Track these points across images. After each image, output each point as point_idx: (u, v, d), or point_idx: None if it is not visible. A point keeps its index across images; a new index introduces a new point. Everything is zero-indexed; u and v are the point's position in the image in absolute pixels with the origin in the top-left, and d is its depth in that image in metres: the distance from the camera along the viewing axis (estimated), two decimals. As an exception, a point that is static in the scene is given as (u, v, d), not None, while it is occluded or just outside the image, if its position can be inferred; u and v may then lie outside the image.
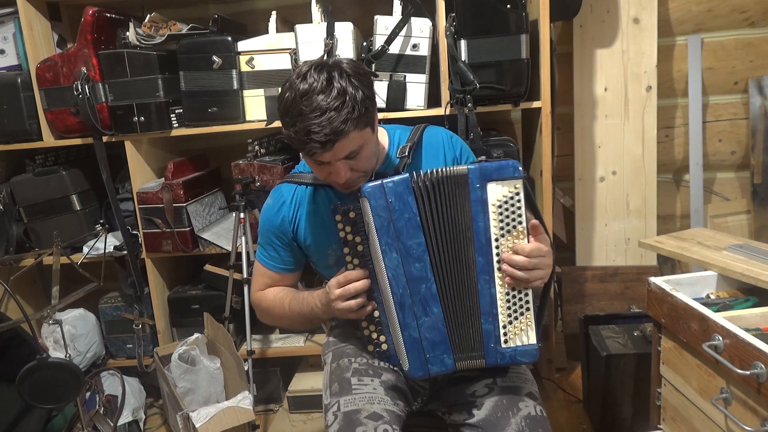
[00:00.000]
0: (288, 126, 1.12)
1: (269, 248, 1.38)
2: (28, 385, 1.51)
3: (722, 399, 1.25)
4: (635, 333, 1.89)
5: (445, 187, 1.13)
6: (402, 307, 1.14)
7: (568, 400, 2.17)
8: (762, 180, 2.25)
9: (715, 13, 2.24)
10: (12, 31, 2.16)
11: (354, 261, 1.18)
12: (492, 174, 1.12)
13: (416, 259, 1.13)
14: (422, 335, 1.14)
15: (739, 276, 1.41)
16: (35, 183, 2.21)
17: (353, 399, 1.18)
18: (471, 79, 1.79)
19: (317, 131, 1.07)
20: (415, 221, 1.13)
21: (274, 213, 1.35)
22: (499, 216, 1.12)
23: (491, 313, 1.14)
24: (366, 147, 1.17)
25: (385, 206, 1.12)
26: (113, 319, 2.32)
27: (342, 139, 1.09)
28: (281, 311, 1.36)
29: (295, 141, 1.12)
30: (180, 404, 1.94)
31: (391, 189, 1.12)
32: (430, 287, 1.14)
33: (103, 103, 2.05)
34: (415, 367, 1.15)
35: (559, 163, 2.36)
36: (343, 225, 1.17)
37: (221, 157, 2.43)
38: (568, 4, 2.09)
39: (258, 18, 2.33)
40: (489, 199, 1.12)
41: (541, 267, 1.13)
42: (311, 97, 1.08)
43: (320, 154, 1.11)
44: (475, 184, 1.12)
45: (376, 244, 1.13)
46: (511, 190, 1.12)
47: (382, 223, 1.12)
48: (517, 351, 1.15)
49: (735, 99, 2.30)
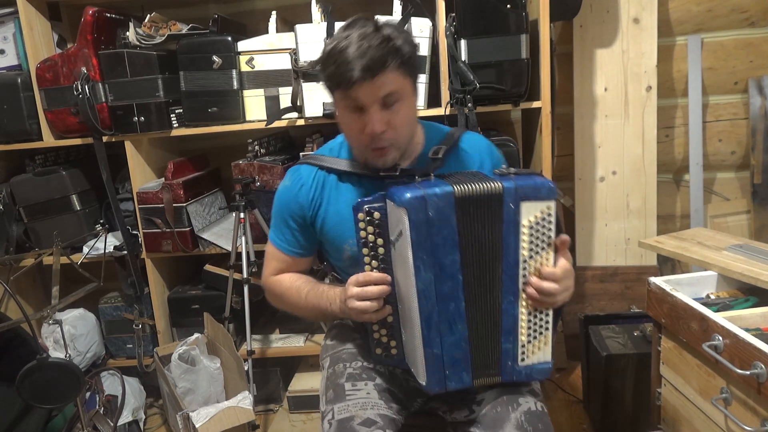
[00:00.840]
0: (327, 66, 1.10)
1: (285, 230, 1.32)
2: (28, 385, 1.51)
3: (722, 399, 1.25)
4: (635, 333, 1.89)
5: (480, 204, 1.07)
6: (429, 324, 1.08)
7: (568, 400, 2.17)
8: (762, 180, 2.25)
9: (715, 13, 2.24)
10: (12, 31, 2.16)
11: (373, 263, 1.13)
12: (528, 194, 1.06)
13: (449, 278, 1.07)
14: (444, 352, 1.10)
15: (739, 276, 1.41)
16: (35, 183, 2.21)
17: (347, 406, 1.17)
18: (471, 79, 1.79)
19: (358, 58, 1.04)
20: (453, 238, 1.06)
21: (293, 195, 1.28)
22: (529, 237, 1.08)
23: (512, 333, 1.11)
24: (406, 101, 1.13)
25: (425, 221, 1.04)
26: (113, 319, 2.32)
27: (382, 73, 1.06)
28: (296, 300, 1.31)
29: (332, 77, 1.09)
30: (180, 404, 1.94)
31: (433, 203, 1.04)
32: (459, 306, 1.09)
33: (103, 103, 2.05)
34: (433, 382, 1.12)
35: (559, 163, 2.36)
36: (365, 225, 1.11)
37: (221, 157, 2.43)
38: (568, 4, 2.09)
39: (258, 18, 2.33)
40: (521, 220, 1.07)
41: (567, 288, 1.11)
42: (355, 38, 1.07)
43: (358, 85, 1.06)
44: (509, 203, 1.06)
45: (408, 259, 1.06)
46: (544, 211, 1.07)
47: (419, 238, 1.04)
48: (533, 369, 1.13)
49: (735, 99, 2.30)
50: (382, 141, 1.13)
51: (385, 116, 1.11)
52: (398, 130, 1.14)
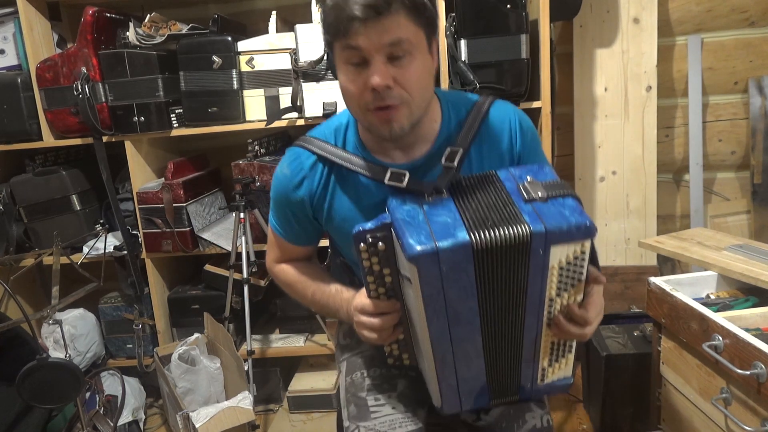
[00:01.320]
0: (327, 18, 0.93)
1: (283, 220, 1.20)
2: (28, 385, 1.51)
3: (722, 399, 1.25)
4: (635, 333, 1.89)
5: (503, 251, 0.94)
6: (443, 363, 1.03)
7: (568, 400, 2.17)
8: (762, 180, 2.25)
9: (715, 13, 2.24)
10: (12, 31, 2.16)
11: (379, 290, 1.04)
12: (560, 239, 0.94)
13: (466, 323, 0.99)
14: (460, 384, 1.05)
15: (739, 276, 1.41)
16: (35, 183, 2.21)
17: (373, 425, 1.12)
18: (471, 79, 1.79)
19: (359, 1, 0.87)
20: (470, 290, 0.96)
21: (293, 188, 1.13)
22: (559, 278, 0.98)
23: (532, 361, 1.06)
24: (417, 57, 0.94)
25: (437, 275, 0.93)
26: (113, 319, 2.32)
27: (387, 13, 0.88)
28: (303, 295, 1.24)
29: (331, 25, 0.92)
30: (180, 404, 1.94)
31: (447, 258, 0.91)
32: (476, 346, 1.02)
33: (103, 103, 2.05)
34: (448, 407, 1.09)
35: (559, 163, 2.36)
36: (369, 255, 1.00)
37: (221, 157, 2.43)
38: (568, 4, 2.09)
39: (258, 18, 2.32)
40: (551, 263, 0.96)
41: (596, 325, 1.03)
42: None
43: (359, 26, 0.89)
44: (539, 250, 0.94)
45: (420, 306, 0.97)
46: (577, 251, 0.96)
47: (431, 292, 0.94)
48: (552, 386, 1.10)
49: (735, 99, 2.30)
50: (388, 97, 0.94)
51: (391, 70, 0.93)
52: (408, 88, 0.95)
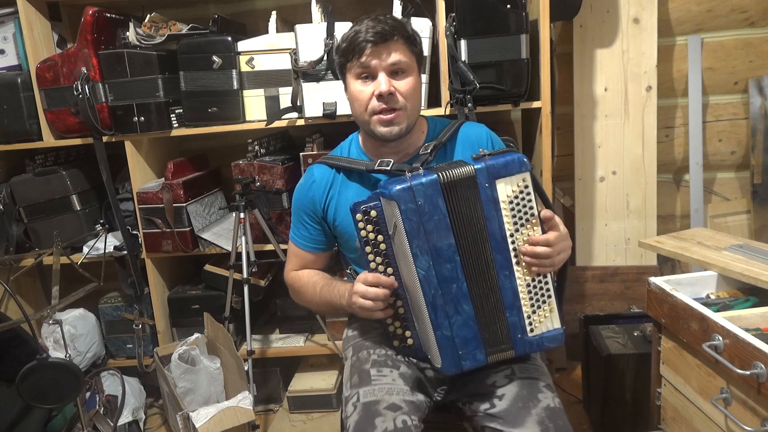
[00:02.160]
0: (341, 46, 1.26)
1: (301, 227, 1.43)
2: (28, 385, 1.51)
3: (722, 399, 1.25)
4: (635, 333, 1.89)
5: (461, 187, 1.13)
6: (434, 308, 1.13)
7: (568, 400, 2.16)
8: (762, 180, 2.25)
9: (715, 13, 2.24)
10: (12, 31, 2.16)
11: (377, 260, 1.18)
12: (499, 171, 1.12)
13: (447, 260, 1.12)
14: (455, 333, 1.15)
15: (739, 276, 1.41)
16: (35, 183, 2.21)
17: (372, 390, 1.20)
18: (471, 79, 1.79)
19: (371, 30, 1.20)
20: (445, 222, 1.12)
21: (305, 191, 1.40)
22: (511, 212, 1.13)
23: (515, 306, 1.16)
24: (411, 75, 1.26)
25: (415, 209, 1.10)
26: (113, 319, 2.32)
27: (391, 41, 1.21)
28: (312, 294, 1.40)
29: (346, 50, 1.24)
30: (180, 404, 1.94)
31: (420, 191, 1.10)
32: (461, 286, 1.14)
33: (103, 103, 2.04)
34: (449, 364, 1.16)
35: (559, 163, 2.36)
36: (364, 224, 1.16)
37: (221, 157, 2.43)
38: (568, 4, 2.09)
39: (258, 18, 2.33)
40: (499, 197, 1.12)
41: (563, 249, 1.17)
42: (366, 20, 1.24)
43: (369, 50, 1.21)
44: (484, 183, 1.12)
45: (406, 248, 1.12)
46: (520, 185, 1.12)
47: (412, 226, 1.10)
48: (543, 338, 1.18)
49: (735, 99, 2.30)
50: (391, 102, 1.24)
51: (393, 82, 1.24)
52: (406, 96, 1.25)
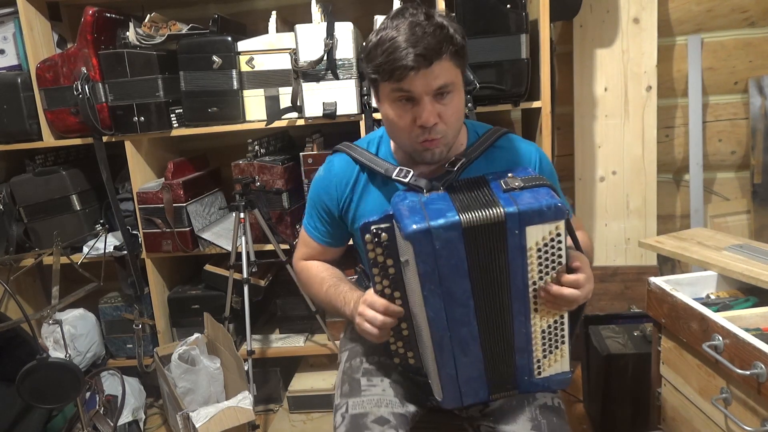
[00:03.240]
0: (374, 57, 1.04)
1: (316, 220, 1.33)
2: (28, 385, 1.51)
3: (722, 399, 1.25)
4: (635, 333, 1.89)
5: (485, 231, 1.03)
6: (441, 348, 1.07)
7: (568, 400, 2.16)
8: (762, 180, 2.25)
9: (715, 13, 2.24)
10: (12, 31, 2.16)
11: (384, 282, 1.10)
12: (533, 219, 1.01)
13: (460, 305, 1.05)
14: (459, 372, 1.09)
15: (739, 276, 1.41)
16: (35, 183, 2.21)
17: (361, 401, 1.18)
18: (471, 79, 1.79)
19: (411, 48, 0.99)
20: (462, 268, 1.03)
21: (325, 187, 1.28)
22: (538, 260, 1.04)
23: (526, 350, 1.10)
24: (457, 93, 1.08)
25: (431, 253, 1.01)
26: (113, 319, 2.32)
27: (437, 62, 1.01)
28: (317, 290, 1.31)
29: (382, 67, 1.03)
30: (180, 404, 1.94)
31: (439, 235, 1.00)
32: (471, 330, 1.07)
33: (103, 103, 2.04)
34: (449, 399, 1.12)
35: (559, 163, 2.36)
36: (374, 246, 1.08)
37: (221, 157, 2.43)
38: (568, 4, 2.09)
39: (258, 18, 2.32)
40: (527, 244, 1.03)
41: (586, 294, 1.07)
42: (405, 26, 1.01)
43: (412, 76, 1.01)
44: (514, 230, 1.02)
45: (416, 287, 1.05)
46: (552, 232, 1.02)
47: (426, 269, 1.02)
48: (550, 380, 1.13)
49: (735, 99, 2.30)
50: (433, 133, 1.09)
51: (437, 108, 1.07)
52: (449, 122, 1.10)
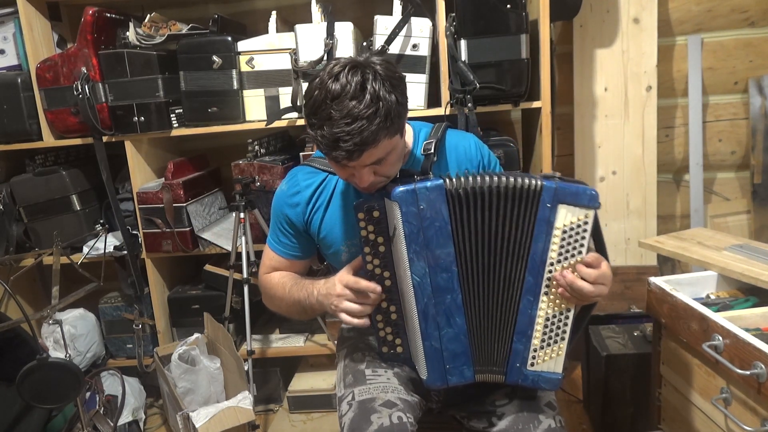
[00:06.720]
0: (315, 127, 1.07)
1: (279, 234, 1.34)
2: (28, 385, 1.51)
3: (722, 399, 1.25)
4: (635, 333, 1.89)
5: (500, 199, 1.07)
6: (425, 317, 1.10)
7: (568, 400, 2.17)
8: (762, 180, 2.25)
9: (715, 13, 2.24)
10: (12, 31, 2.16)
11: (374, 261, 1.13)
12: (567, 197, 1.04)
13: (443, 270, 1.08)
14: (444, 346, 1.11)
15: (739, 276, 1.41)
16: (35, 183, 2.21)
17: (368, 388, 1.19)
18: (471, 79, 1.79)
19: (347, 140, 1.02)
20: (446, 230, 1.07)
21: (286, 201, 1.30)
22: (561, 241, 1.06)
23: (525, 334, 1.10)
24: (393, 152, 1.11)
25: (416, 213, 1.06)
26: (113, 319, 2.32)
27: (370, 148, 1.05)
28: (281, 295, 1.32)
29: (321, 144, 1.07)
30: (180, 404, 1.94)
31: (423, 195, 1.06)
32: (455, 298, 1.09)
33: (103, 103, 2.04)
34: (434, 377, 1.13)
35: (559, 163, 2.36)
36: (366, 224, 1.12)
37: (221, 157, 2.43)
38: (568, 4, 2.09)
39: (258, 18, 2.32)
40: (556, 222, 1.05)
41: (601, 292, 1.07)
42: (342, 102, 1.02)
43: (347, 160, 1.06)
44: (546, 203, 1.05)
45: (403, 251, 1.08)
46: (581, 218, 1.05)
47: (411, 230, 1.06)
48: (540, 376, 1.11)
49: (735, 99, 2.30)
50: (371, 186, 1.13)
51: (374, 168, 1.10)
52: (388, 174, 1.14)
